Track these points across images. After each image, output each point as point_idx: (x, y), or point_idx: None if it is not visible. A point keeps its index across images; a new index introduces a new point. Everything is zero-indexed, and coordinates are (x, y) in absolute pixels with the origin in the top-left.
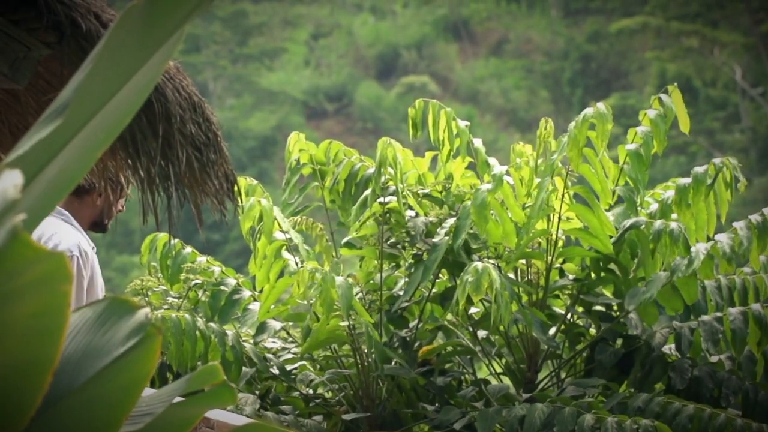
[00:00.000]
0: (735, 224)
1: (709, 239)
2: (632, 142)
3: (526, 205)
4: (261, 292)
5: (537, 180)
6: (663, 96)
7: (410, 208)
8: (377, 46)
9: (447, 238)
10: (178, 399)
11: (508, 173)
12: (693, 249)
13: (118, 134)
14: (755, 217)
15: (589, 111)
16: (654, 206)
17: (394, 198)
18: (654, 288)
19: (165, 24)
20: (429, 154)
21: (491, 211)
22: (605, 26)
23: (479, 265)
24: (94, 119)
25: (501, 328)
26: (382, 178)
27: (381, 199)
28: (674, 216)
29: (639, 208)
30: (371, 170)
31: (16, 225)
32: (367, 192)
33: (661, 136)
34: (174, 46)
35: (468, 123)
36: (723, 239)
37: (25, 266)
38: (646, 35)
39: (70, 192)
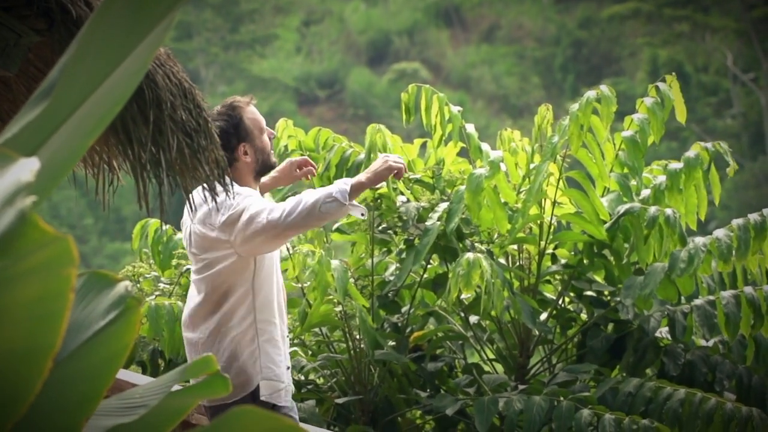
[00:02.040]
0: (734, 222)
1: (700, 223)
2: (628, 129)
3: (520, 190)
4: None
5: (533, 165)
6: (660, 84)
7: (401, 193)
8: (369, 32)
9: (439, 223)
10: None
11: (503, 159)
12: (691, 244)
13: (109, 121)
14: (754, 217)
15: (591, 94)
16: (645, 192)
17: (384, 183)
18: (653, 283)
19: (154, 9)
20: (418, 141)
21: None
22: (597, 12)
23: (470, 256)
24: (84, 105)
25: (493, 313)
26: None
27: None
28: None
29: (634, 195)
30: (362, 156)
31: (26, 207)
32: None
33: (658, 124)
34: (164, 33)
35: (461, 108)
36: (721, 236)
37: (32, 248)
38: (638, 21)
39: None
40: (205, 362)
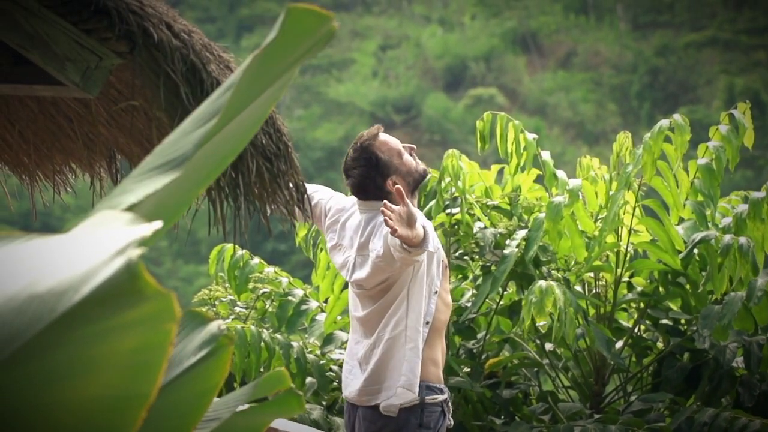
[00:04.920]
0: None
1: None
2: (703, 157)
3: (598, 218)
4: (327, 302)
5: (611, 193)
6: (734, 112)
7: (478, 219)
8: (445, 58)
9: (517, 249)
10: (244, 406)
11: (581, 187)
12: None
13: (218, 175)
14: None
15: (664, 122)
16: (725, 220)
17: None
18: (731, 313)
19: (278, 66)
20: (495, 167)
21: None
22: (674, 40)
23: (543, 284)
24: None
25: (568, 341)
26: (450, 190)
27: (448, 211)
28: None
29: (709, 223)
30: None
31: (134, 257)
32: (432, 203)
33: (733, 151)
34: (285, 85)
35: (536, 136)
36: None
37: (135, 300)
38: (715, 49)
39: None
40: (277, 377)
